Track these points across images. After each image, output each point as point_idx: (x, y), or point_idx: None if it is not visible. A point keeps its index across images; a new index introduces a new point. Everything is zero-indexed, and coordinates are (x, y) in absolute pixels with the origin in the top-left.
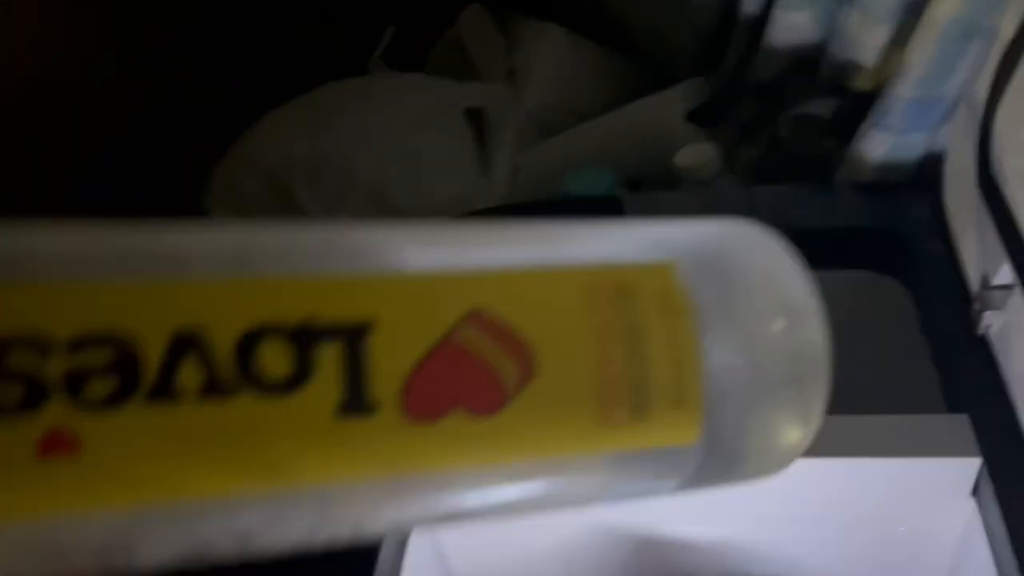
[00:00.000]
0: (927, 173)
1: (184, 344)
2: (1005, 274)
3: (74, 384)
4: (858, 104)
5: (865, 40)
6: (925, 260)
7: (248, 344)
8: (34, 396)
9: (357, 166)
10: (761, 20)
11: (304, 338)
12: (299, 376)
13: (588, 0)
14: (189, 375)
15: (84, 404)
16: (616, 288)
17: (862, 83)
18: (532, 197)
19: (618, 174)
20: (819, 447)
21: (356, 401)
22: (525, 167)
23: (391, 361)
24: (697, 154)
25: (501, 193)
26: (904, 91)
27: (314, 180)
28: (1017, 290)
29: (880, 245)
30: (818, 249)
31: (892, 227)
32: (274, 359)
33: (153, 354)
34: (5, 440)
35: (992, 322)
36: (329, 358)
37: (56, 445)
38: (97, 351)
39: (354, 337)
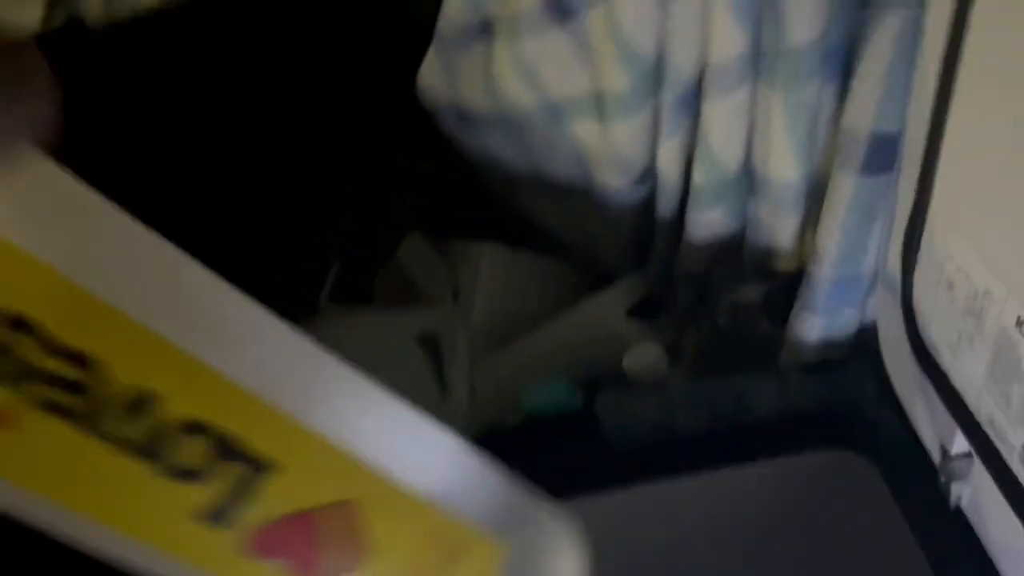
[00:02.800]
0: (866, 346)
1: (141, 401)
2: (961, 442)
3: (40, 382)
4: (787, 285)
5: (778, 228)
6: (885, 434)
7: (188, 429)
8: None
9: None
10: (679, 219)
11: (226, 449)
12: (197, 474)
13: (521, 218)
14: (128, 426)
15: (39, 401)
16: (452, 545)
17: (785, 265)
18: (494, 414)
19: (571, 380)
20: None
21: (221, 515)
22: (480, 384)
23: (272, 502)
24: (644, 356)
25: (463, 414)
26: (824, 273)
27: None
28: (974, 460)
29: (840, 424)
30: (779, 435)
31: (847, 404)
32: (192, 452)
33: (113, 392)
34: None
35: (961, 493)
36: (230, 473)
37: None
38: (71, 367)
39: (260, 468)
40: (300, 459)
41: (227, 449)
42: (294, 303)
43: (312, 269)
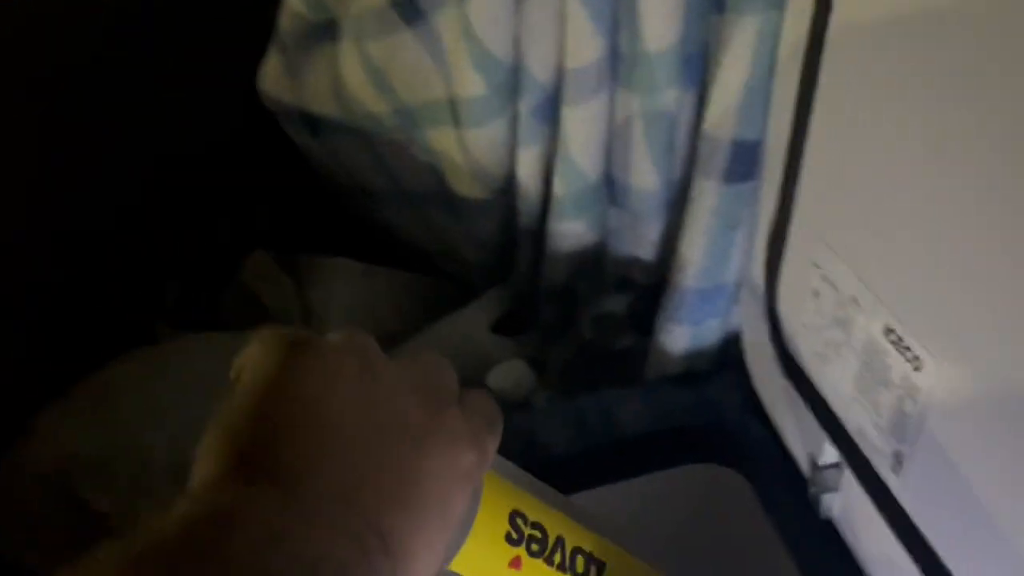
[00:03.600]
0: (732, 357)
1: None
2: (830, 453)
3: None
4: (650, 297)
5: (639, 237)
6: (754, 446)
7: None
8: None
9: (152, 450)
10: (541, 231)
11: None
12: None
13: (377, 231)
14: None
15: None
16: None
17: (647, 276)
18: None
19: None
20: None
21: None
22: None
23: None
24: (508, 374)
25: None
26: (687, 283)
27: (101, 477)
28: (844, 470)
29: (707, 436)
30: (648, 450)
31: (714, 416)
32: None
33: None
34: None
35: (831, 503)
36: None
37: None
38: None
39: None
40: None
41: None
42: (128, 327)
43: (146, 290)
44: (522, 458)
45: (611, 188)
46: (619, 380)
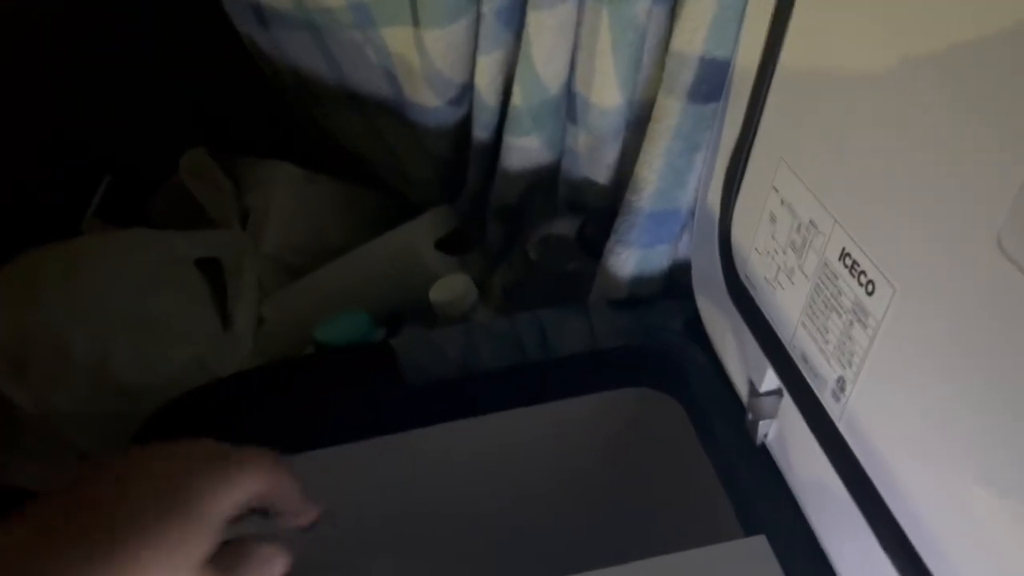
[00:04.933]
0: (678, 283)
1: None
2: (771, 380)
3: None
4: (601, 221)
5: (596, 159)
6: (692, 373)
7: None
8: None
9: (71, 343)
10: (494, 145)
11: None
12: None
13: (322, 136)
14: None
15: None
16: None
17: (600, 200)
18: (282, 349)
19: (373, 315)
20: None
21: None
22: (270, 317)
23: None
24: (451, 288)
25: (247, 349)
26: (640, 206)
27: (19, 367)
28: (783, 396)
29: (646, 361)
30: (586, 372)
31: (655, 342)
32: None
33: None
34: None
35: (767, 431)
36: None
37: None
38: None
39: None
40: None
41: None
42: (56, 219)
43: (77, 183)
44: (458, 372)
45: (571, 104)
46: (563, 303)
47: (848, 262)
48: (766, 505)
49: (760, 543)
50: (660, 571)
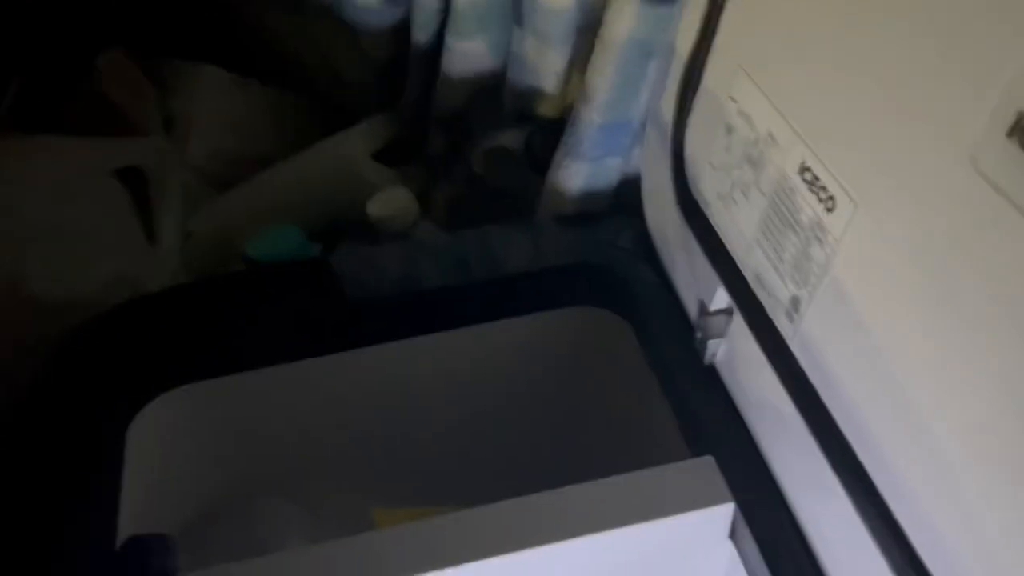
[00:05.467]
0: (628, 199)
1: None
2: (721, 298)
3: None
4: (548, 133)
5: (543, 65)
6: (640, 291)
7: None
8: None
9: None
10: (436, 49)
11: None
12: None
13: (250, 38)
14: None
15: None
16: None
17: (547, 110)
18: (212, 265)
19: (307, 229)
20: (565, 528)
21: None
22: (198, 230)
23: None
24: (391, 202)
25: (173, 265)
26: (591, 117)
27: None
28: (735, 314)
29: (594, 279)
30: (532, 290)
31: (602, 259)
32: None
33: None
34: None
35: (716, 350)
36: None
37: None
38: None
39: None
40: None
41: None
42: None
43: None
44: (399, 291)
45: (518, 4)
46: (509, 219)
47: (808, 177)
48: (714, 425)
49: (708, 463)
50: (607, 492)
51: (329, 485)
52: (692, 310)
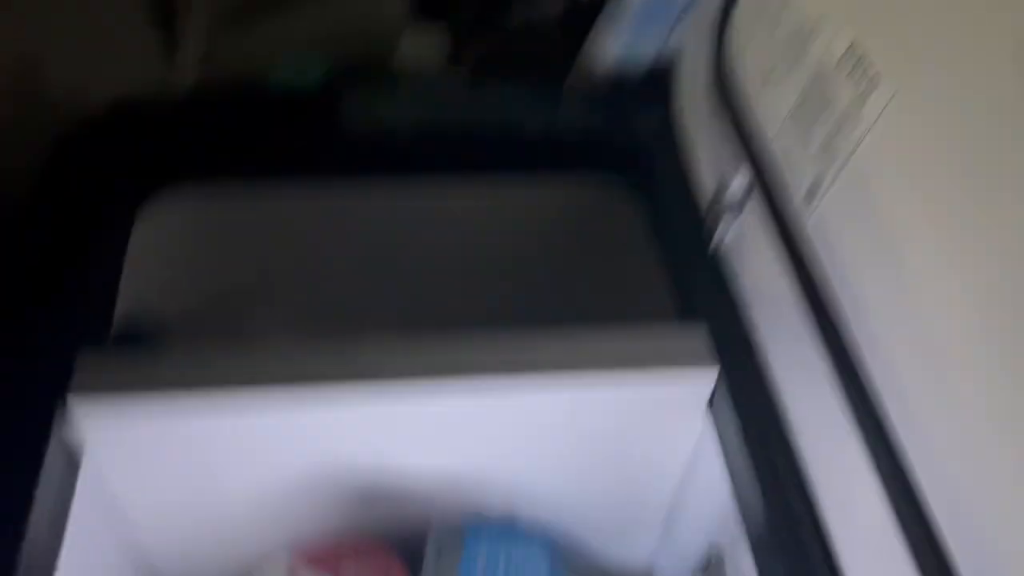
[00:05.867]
0: (660, 77)
1: None
2: (741, 180)
3: None
4: (588, 5)
5: None
6: (658, 167)
7: None
8: None
9: None
10: None
11: None
12: None
13: None
14: None
15: None
16: None
17: None
18: (230, 85)
19: (330, 62)
20: (547, 363)
21: None
22: (219, 53)
23: None
24: (419, 41)
25: (190, 82)
26: None
27: None
28: (751, 197)
29: (612, 151)
30: (546, 154)
31: (624, 133)
32: None
33: None
34: None
35: (726, 230)
36: None
37: None
38: None
39: None
40: None
41: None
42: None
43: None
44: (416, 129)
45: None
46: (538, 82)
47: (851, 59)
48: (710, 302)
49: (698, 329)
50: (593, 339)
51: (314, 304)
52: (709, 190)
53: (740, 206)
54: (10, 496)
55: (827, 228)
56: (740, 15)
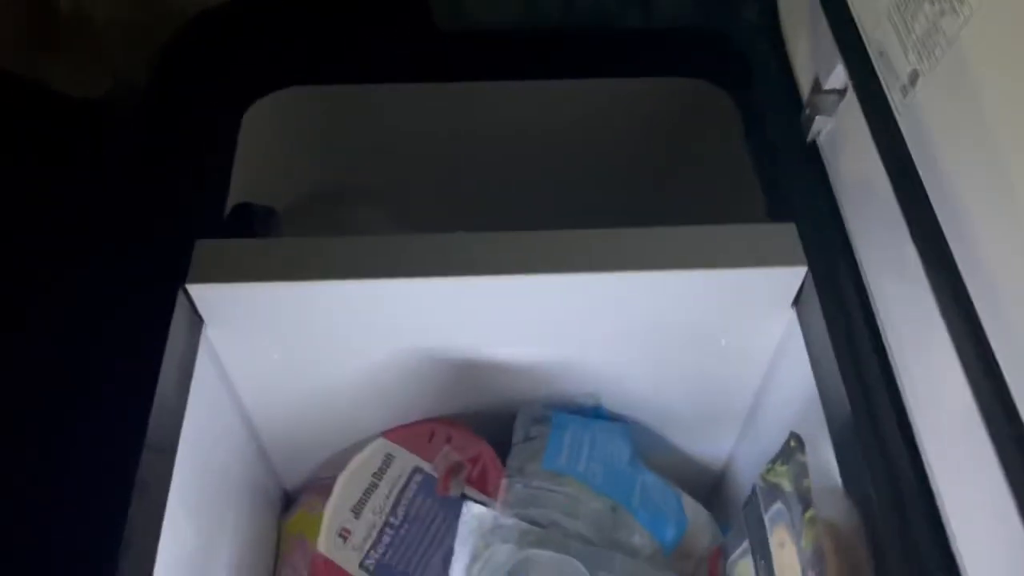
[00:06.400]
0: None
1: None
2: (837, 77)
3: None
4: None
5: None
6: (755, 64)
7: None
8: None
9: None
10: None
11: None
12: None
13: None
14: None
15: None
16: None
17: None
18: None
19: None
20: (636, 260)
21: None
22: None
23: None
24: None
25: None
26: None
27: None
28: (849, 94)
29: (707, 48)
30: (640, 52)
31: (720, 28)
32: None
33: None
34: None
35: (822, 128)
36: None
37: None
38: None
39: None
40: None
41: None
42: None
43: None
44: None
45: None
46: None
47: None
48: (802, 198)
49: (788, 229)
50: (683, 236)
51: (414, 200)
52: (805, 88)
53: (835, 105)
54: (139, 368)
55: (923, 120)
56: None
